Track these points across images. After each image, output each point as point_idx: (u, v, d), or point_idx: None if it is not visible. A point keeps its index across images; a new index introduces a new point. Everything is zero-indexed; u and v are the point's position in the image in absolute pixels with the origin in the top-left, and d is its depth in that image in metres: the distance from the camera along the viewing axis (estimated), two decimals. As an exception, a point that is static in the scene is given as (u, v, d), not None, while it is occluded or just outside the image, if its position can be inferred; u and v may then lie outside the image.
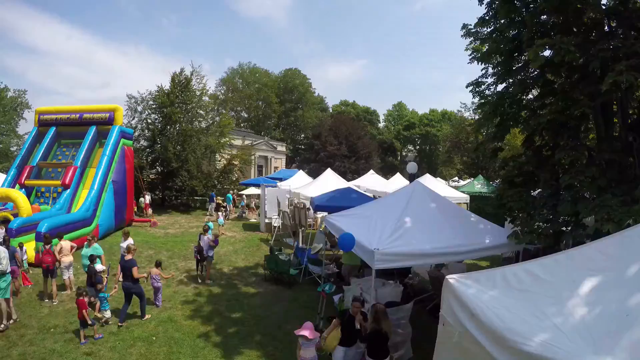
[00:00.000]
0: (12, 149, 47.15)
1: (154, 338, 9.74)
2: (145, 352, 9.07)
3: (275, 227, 21.53)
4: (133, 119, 32.80)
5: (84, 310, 9.29)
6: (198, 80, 34.19)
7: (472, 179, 34.92)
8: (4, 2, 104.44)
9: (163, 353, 9.02)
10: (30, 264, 14.01)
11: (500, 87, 9.77)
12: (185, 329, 10.35)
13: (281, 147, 69.41)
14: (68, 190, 19.30)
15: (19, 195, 17.18)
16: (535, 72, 8.75)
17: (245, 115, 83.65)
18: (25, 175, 20.42)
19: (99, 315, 10.56)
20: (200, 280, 14.28)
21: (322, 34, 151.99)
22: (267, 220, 23.64)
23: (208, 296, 12.83)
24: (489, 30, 9.29)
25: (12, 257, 11.80)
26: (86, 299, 9.56)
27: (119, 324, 10.36)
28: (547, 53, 7.42)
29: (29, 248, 14.65)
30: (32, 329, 10.05)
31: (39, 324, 10.34)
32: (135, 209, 26.97)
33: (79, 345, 9.24)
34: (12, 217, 16.17)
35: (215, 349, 9.33)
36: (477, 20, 9.26)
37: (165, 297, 12.54)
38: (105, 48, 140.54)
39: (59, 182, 19.71)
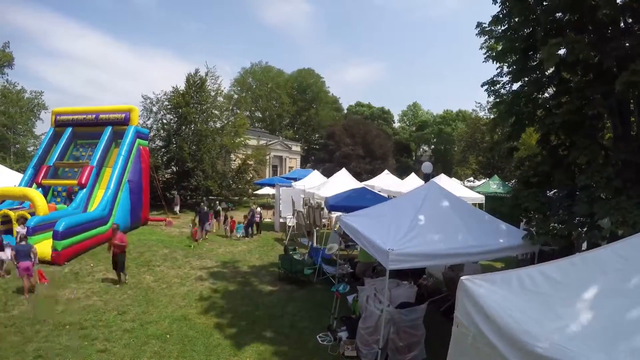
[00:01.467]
0: (29, 149, 47.84)
1: (168, 336, 9.83)
2: (159, 349, 9.15)
3: (289, 226, 21.54)
4: (148, 119, 33.29)
5: None
6: (213, 80, 34.45)
7: (488, 179, 34.50)
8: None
9: (177, 351, 9.09)
10: (46, 262, 14.21)
11: (515, 86, 9.67)
12: (199, 326, 10.41)
13: (296, 147, 69.45)
14: (84, 190, 19.55)
15: (36, 194, 17.45)
16: (550, 71, 8.63)
17: (260, 115, 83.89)
18: (42, 174, 20.81)
19: None
20: None
21: (339, 39, 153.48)
22: (281, 220, 23.71)
23: (223, 295, 12.89)
24: (503, 28, 9.20)
25: (29, 254, 12.09)
26: None
27: None
28: (561, 51, 7.33)
29: (46, 246, 14.86)
30: (47, 325, 10.19)
31: (55, 321, 10.48)
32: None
33: (93, 342, 9.36)
34: (29, 216, 16.44)
35: (229, 347, 9.38)
36: (491, 19, 9.18)
37: (180, 295, 12.66)
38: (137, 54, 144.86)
39: (75, 182, 19.98)
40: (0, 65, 44.61)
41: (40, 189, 19.95)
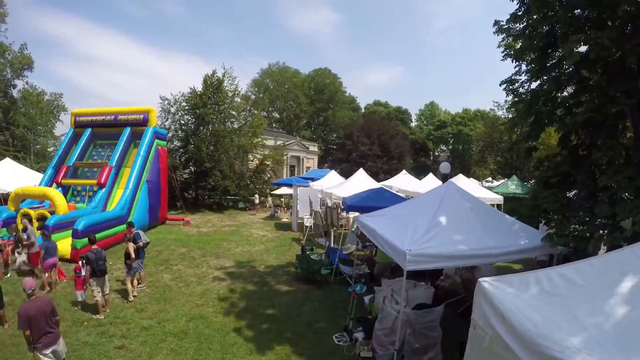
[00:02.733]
0: (49, 149, 48.97)
1: (185, 334, 9.90)
2: (175, 347, 9.23)
3: (307, 226, 21.59)
4: (166, 120, 33.56)
5: None
6: (230, 81, 34.65)
7: (506, 179, 34.19)
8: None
9: (193, 349, 9.15)
10: (66, 260, 14.45)
11: (534, 85, 9.51)
12: (216, 325, 10.48)
13: (313, 147, 69.53)
14: (103, 189, 19.80)
15: (55, 193, 17.73)
16: (570, 69, 8.47)
17: (277, 116, 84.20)
18: (62, 174, 21.17)
19: None
20: None
21: (362, 45, 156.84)
22: (299, 220, 23.78)
23: (240, 294, 12.95)
24: (521, 26, 9.06)
25: (52, 251, 12.51)
26: None
27: None
28: (582, 49, 7.19)
29: (65, 244, 15.09)
30: (66, 321, 10.31)
31: (73, 317, 10.66)
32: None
33: (111, 339, 9.49)
34: (49, 215, 16.73)
35: (245, 345, 9.41)
36: (509, 16, 9.06)
37: (197, 294, 12.74)
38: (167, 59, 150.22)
39: (94, 182, 20.26)
40: (20, 68, 45.44)
41: (60, 188, 20.32)
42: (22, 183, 20.89)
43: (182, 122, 33.82)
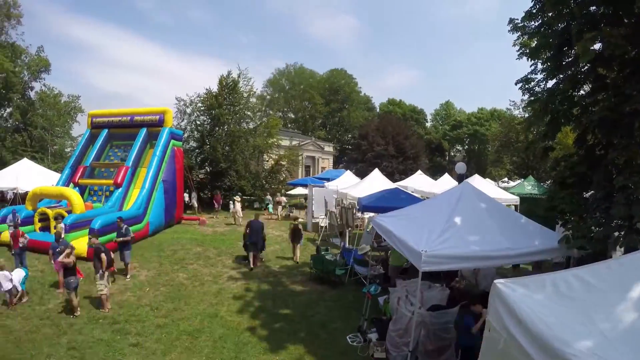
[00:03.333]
0: (66, 150, 49.85)
1: (199, 332, 9.99)
2: (189, 345, 9.32)
3: (322, 227, 21.57)
4: (182, 120, 33.83)
5: None
6: (245, 82, 34.81)
7: (522, 179, 33.77)
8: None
9: (207, 347, 9.23)
10: (82, 258, 14.64)
11: (550, 84, 9.39)
12: (231, 324, 10.55)
13: (328, 148, 69.53)
14: (120, 189, 20.04)
15: (72, 193, 18.05)
16: (586, 67, 8.36)
17: (292, 116, 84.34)
18: (79, 174, 21.49)
19: None
20: None
21: (380, 49, 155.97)
22: (314, 220, 23.76)
23: (254, 293, 13.02)
24: (536, 24, 8.96)
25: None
26: None
27: None
28: (597, 46, 7.08)
29: (82, 243, 15.30)
30: (81, 318, 10.55)
31: (89, 315, 10.82)
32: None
33: (126, 336, 9.62)
34: (66, 214, 16.99)
35: (259, 344, 9.46)
36: (524, 14, 8.96)
37: (212, 293, 12.83)
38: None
39: (111, 181, 20.52)
40: (37, 70, 46.15)
41: (77, 188, 20.63)
42: (40, 183, 21.26)
43: (198, 122, 34.07)
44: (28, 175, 25.02)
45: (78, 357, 8.69)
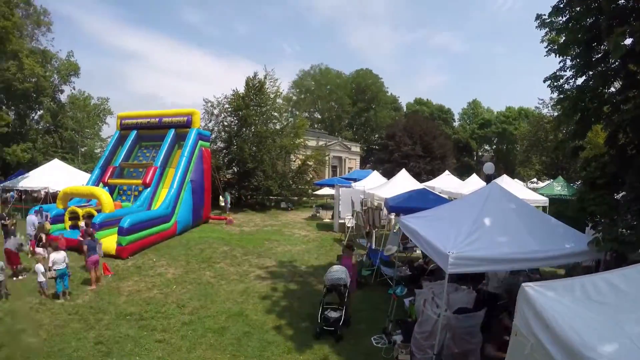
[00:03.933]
0: (96, 151, 51.33)
1: (225, 330, 10.04)
2: (214, 342, 9.37)
3: (348, 227, 21.50)
4: (210, 121, 34.27)
5: None
6: (272, 83, 35.00)
7: (552, 180, 33.03)
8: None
9: (232, 345, 9.26)
10: (111, 256, 14.91)
11: (579, 81, 9.10)
12: (255, 323, 10.57)
13: (355, 148, 69.43)
14: (148, 189, 20.35)
15: (102, 192, 18.48)
16: (617, 63, 8.05)
17: (319, 117, 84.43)
18: (109, 174, 21.98)
19: None
20: None
21: (407, 54, 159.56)
22: (340, 221, 23.68)
23: (281, 293, 13.03)
24: (564, 19, 8.68)
25: (95, 248, 13.01)
26: None
27: None
28: (628, 41, 6.81)
29: (111, 241, 15.60)
30: (109, 314, 10.75)
31: (116, 311, 11.03)
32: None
33: (152, 332, 9.76)
34: (95, 213, 17.36)
35: (284, 344, 9.44)
36: (551, 9, 8.70)
37: (238, 292, 12.89)
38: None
39: (139, 181, 20.91)
40: (67, 74, 47.35)
41: (106, 187, 21.08)
42: (71, 183, 21.79)
43: (225, 123, 34.40)
44: (59, 175, 25.70)
45: (105, 351, 8.83)
